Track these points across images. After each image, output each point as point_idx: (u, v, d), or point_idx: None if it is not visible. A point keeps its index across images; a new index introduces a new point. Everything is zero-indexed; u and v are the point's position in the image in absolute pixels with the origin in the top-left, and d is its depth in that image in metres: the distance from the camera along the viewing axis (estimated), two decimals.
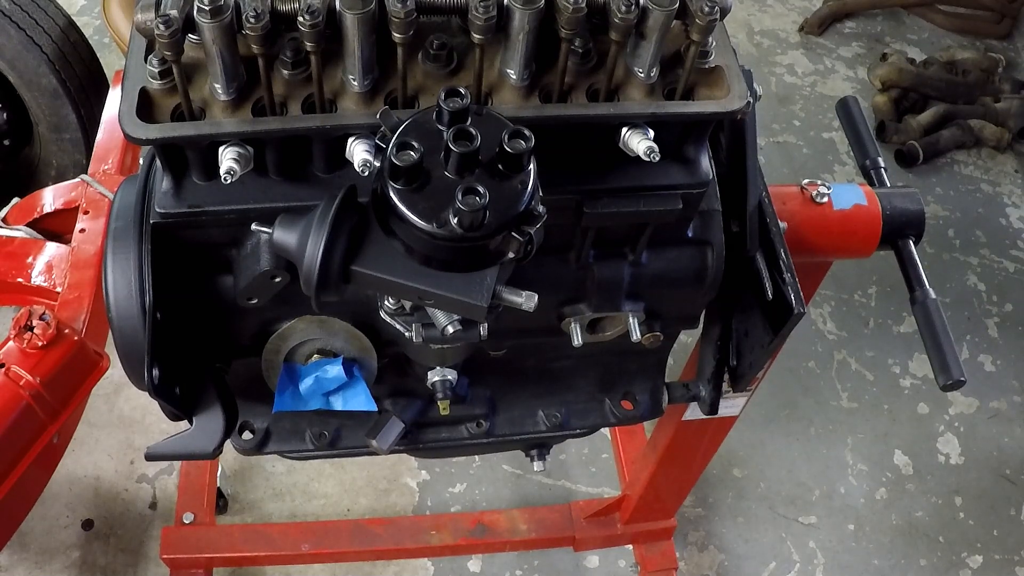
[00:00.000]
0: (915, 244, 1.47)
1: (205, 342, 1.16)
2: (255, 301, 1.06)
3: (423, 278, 0.90)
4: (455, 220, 0.84)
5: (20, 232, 1.79)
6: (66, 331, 1.43)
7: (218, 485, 2.36)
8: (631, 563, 2.45)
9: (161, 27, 0.86)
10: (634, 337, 1.22)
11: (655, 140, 0.97)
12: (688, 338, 1.49)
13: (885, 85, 3.62)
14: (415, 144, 0.86)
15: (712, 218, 1.17)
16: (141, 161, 1.11)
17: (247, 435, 1.35)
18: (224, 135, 0.94)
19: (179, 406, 1.11)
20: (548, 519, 2.30)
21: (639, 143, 0.97)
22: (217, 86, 0.94)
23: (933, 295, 1.41)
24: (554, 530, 2.28)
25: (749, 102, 1.01)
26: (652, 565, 2.31)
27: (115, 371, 1.24)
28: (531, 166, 0.88)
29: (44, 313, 1.40)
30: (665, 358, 1.41)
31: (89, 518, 2.44)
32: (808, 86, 3.80)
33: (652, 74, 0.99)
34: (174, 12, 0.88)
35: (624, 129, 0.99)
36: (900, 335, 3.02)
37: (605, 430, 2.27)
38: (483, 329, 1.08)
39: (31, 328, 1.39)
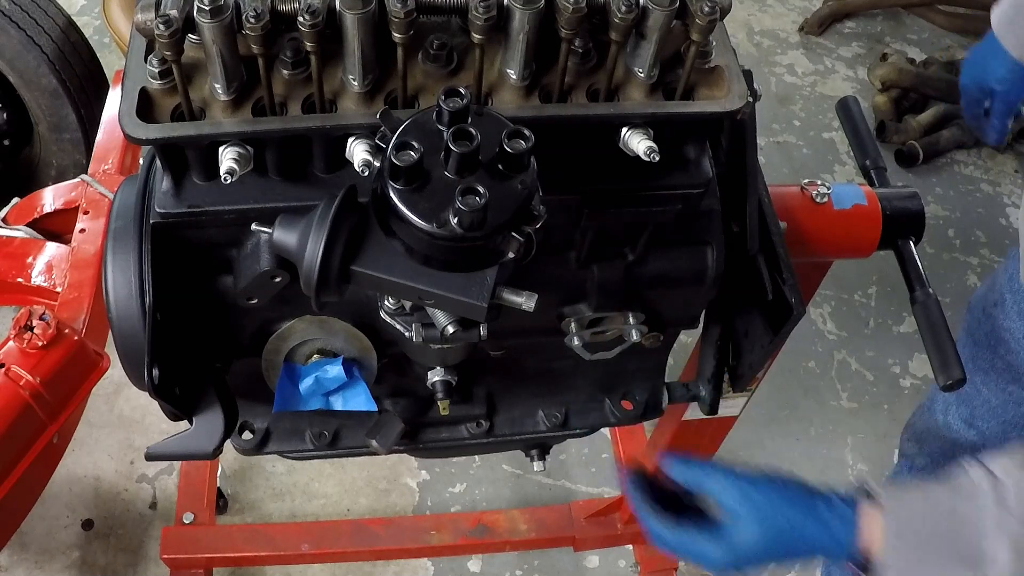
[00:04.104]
0: (915, 244, 1.47)
1: (205, 342, 1.16)
2: (255, 301, 1.06)
3: (423, 278, 0.90)
4: (455, 220, 0.84)
5: (20, 232, 1.79)
6: (66, 331, 1.43)
7: (218, 485, 2.36)
8: (631, 563, 2.44)
9: (161, 27, 0.86)
10: (632, 340, 1.22)
11: (655, 140, 0.97)
12: (688, 338, 1.49)
13: (885, 85, 3.62)
14: (415, 144, 0.86)
15: (712, 218, 1.16)
16: (141, 161, 1.11)
17: (247, 435, 1.35)
18: (224, 135, 0.94)
19: (179, 406, 1.11)
20: (548, 519, 2.30)
21: (639, 143, 0.97)
22: (217, 86, 0.94)
23: (933, 295, 1.41)
24: (554, 530, 2.28)
25: (749, 102, 1.01)
26: (652, 565, 2.31)
27: (115, 371, 1.24)
28: (531, 166, 0.88)
29: (44, 313, 1.40)
30: (665, 358, 1.41)
31: (89, 518, 2.44)
32: (808, 86, 3.80)
33: (652, 74, 0.99)
34: (174, 12, 0.88)
35: (624, 129, 0.99)
36: (900, 335, 3.02)
37: (605, 430, 2.27)
38: (483, 329, 1.08)
39: (31, 328, 1.39)
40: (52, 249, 1.70)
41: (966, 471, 1.03)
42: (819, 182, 1.44)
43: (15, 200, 1.88)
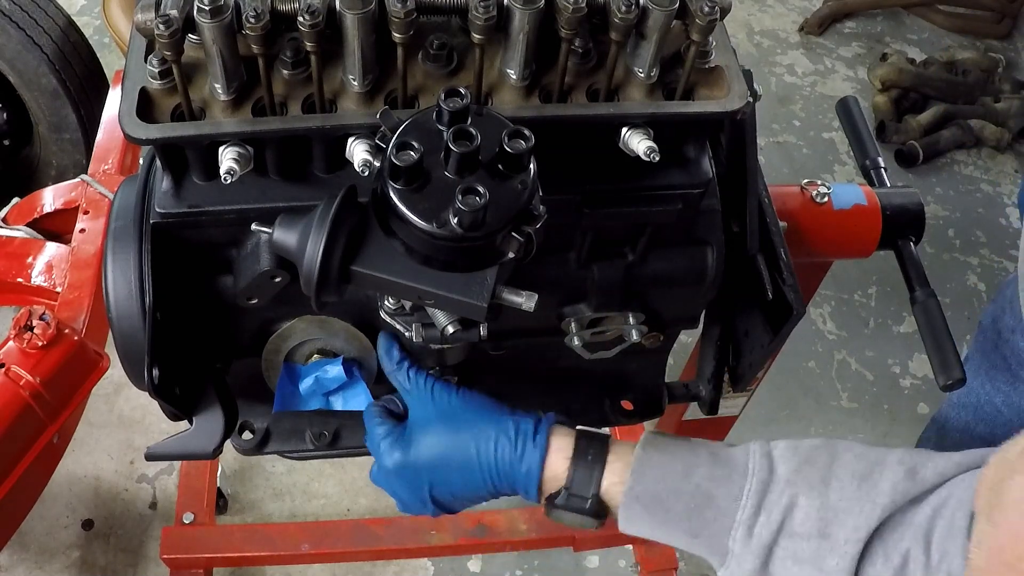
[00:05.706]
0: (915, 244, 1.47)
1: (205, 342, 1.16)
2: (255, 301, 1.06)
3: (423, 278, 0.90)
4: (455, 220, 0.84)
5: (20, 232, 1.79)
6: (66, 331, 1.43)
7: (218, 485, 2.36)
8: (631, 563, 2.44)
9: (161, 27, 0.86)
10: (632, 340, 1.22)
11: (655, 140, 0.97)
12: (688, 338, 1.50)
13: (885, 85, 3.62)
14: (415, 144, 0.86)
15: (712, 218, 1.16)
16: (141, 161, 1.11)
17: (247, 435, 1.34)
18: (224, 135, 0.94)
19: (179, 406, 1.11)
20: (548, 519, 2.29)
21: (639, 143, 0.97)
22: (217, 86, 0.94)
23: (933, 295, 1.41)
24: (554, 530, 2.28)
25: (749, 102, 1.01)
26: (652, 565, 2.31)
27: (115, 371, 1.24)
28: (531, 166, 0.88)
29: (44, 313, 1.40)
30: (665, 358, 1.41)
31: (89, 518, 2.45)
32: (808, 86, 3.80)
33: (652, 74, 0.99)
34: (174, 12, 0.88)
35: (624, 129, 0.99)
36: (900, 335, 3.02)
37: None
38: (483, 329, 1.08)
39: (31, 328, 1.39)
40: (52, 249, 1.70)
41: (748, 454, 1.00)
42: (819, 182, 1.44)
43: (15, 200, 1.88)
